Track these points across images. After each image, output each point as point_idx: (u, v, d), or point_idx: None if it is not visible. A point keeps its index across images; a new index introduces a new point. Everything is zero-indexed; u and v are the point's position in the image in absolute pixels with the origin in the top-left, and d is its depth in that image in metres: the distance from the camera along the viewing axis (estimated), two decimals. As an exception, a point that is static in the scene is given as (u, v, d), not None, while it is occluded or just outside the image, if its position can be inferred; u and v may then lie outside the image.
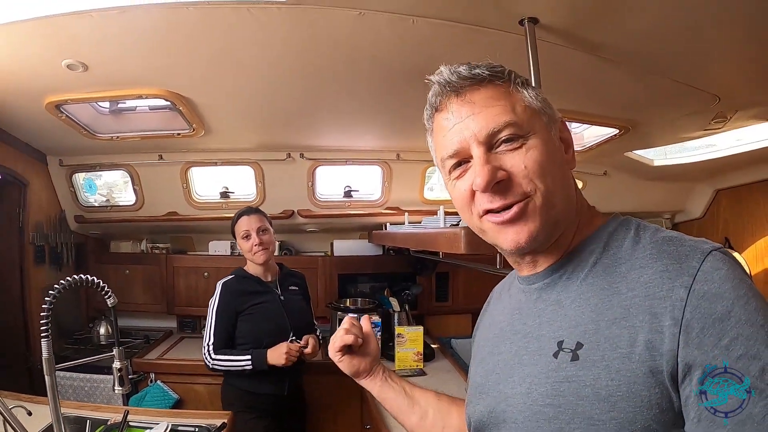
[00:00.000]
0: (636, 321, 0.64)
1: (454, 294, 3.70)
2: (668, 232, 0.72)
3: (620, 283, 0.69)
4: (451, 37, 1.76)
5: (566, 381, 0.68)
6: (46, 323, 1.59)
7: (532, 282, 0.81)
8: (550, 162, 0.73)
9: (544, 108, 0.77)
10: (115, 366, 1.76)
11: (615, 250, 0.73)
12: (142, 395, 3.01)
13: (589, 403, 0.65)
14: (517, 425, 0.74)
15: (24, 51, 1.93)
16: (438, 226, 2.27)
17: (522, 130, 0.73)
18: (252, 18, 1.65)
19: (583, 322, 0.70)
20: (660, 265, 0.66)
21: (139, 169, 3.28)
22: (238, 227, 2.47)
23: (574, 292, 0.74)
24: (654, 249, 0.69)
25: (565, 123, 0.82)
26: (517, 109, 0.74)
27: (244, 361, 2.26)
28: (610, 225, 0.77)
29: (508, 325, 0.85)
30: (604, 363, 0.65)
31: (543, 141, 0.74)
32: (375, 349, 1.14)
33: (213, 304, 2.39)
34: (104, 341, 3.41)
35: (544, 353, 0.73)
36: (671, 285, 0.64)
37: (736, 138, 2.97)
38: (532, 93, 0.77)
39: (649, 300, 0.65)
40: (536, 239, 0.74)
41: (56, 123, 2.59)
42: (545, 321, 0.76)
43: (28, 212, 3.09)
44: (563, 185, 0.75)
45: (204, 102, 2.45)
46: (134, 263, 3.71)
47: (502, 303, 0.92)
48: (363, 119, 2.77)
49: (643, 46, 1.77)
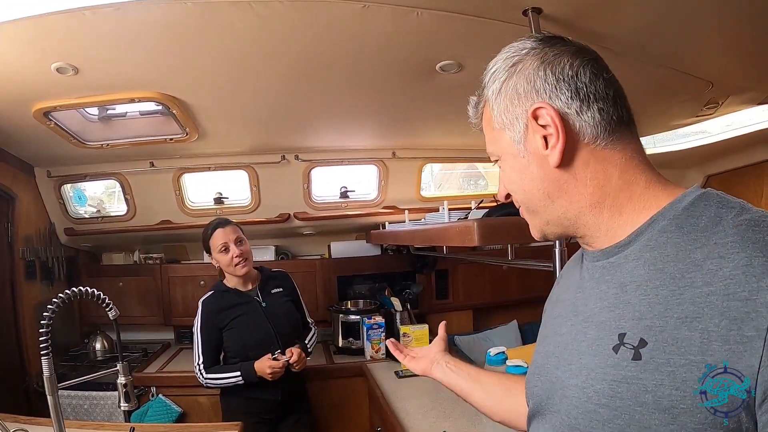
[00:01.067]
0: (710, 324, 0.56)
1: (455, 291, 3.69)
2: (756, 212, 0.61)
3: (694, 273, 0.59)
4: (454, 29, 1.76)
5: (625, 382, 0.62)
6: (46, 340, 1.55)
7: (597, 259, 0.74)
8: (517, 179, 0.77)
9: (503, 121, 0.75)
10: (119, 382, 1.72)
11: (689, 229, 0.63)
12: (143, 410, 2.94)
13: (648, 411, 0.59)
14: (570, 420, 0.70)
15: (11, 55, 1.86)
16: (443, 221, 2.26)
17: (495, 155, 0.81)
18: (253, 13, 1.62)
19: (648, 315, 0.62)
20: (743, 258, 0.56)
21: (130, 178, 3.22)
22: (213, 241, 2.38)
23: (640, 277, 0.65)
24: (737, 235, 0.59)
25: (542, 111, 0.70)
26: (490, 134, 0.80)
27: (235, 377, 2.28)
28: (686, 198, 0.67)
29: (570, 303, 0.79)
30: (669, 369, 0.58)
31: (507, 161, 0.78)
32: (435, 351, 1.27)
33: (197, 324, 2.39)
34: (101, 356, 3.32)
35: (603, 344, 0.67)
36: (756, 285, 0.54)
37: (727, 123, 3.01)
38: (495, 108, 0.77)
39: (728, 300, 0.55)
40: (543, 237, 0.82)
41: (44, 131, 2.53)
42: (606, 306, 0.69)
43: (17, 226, 3.02)
44: (531, 195, 0.76)
45: (199, 104, 2.41)
46: (128, 275, 3.64)
47: (569, 277, 0.85)
48: (360, 117, 2.76)
49: (643, 35, 1.78)
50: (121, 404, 1.71)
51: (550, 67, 0.71)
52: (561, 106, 0.70)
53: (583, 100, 0.70)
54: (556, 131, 0.70)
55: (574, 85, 0.70)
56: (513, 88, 0.73)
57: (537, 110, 0.71)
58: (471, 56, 1.95)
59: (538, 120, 0.71)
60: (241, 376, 2.26)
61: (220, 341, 2.38)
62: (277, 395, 2.35)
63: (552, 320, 0.85)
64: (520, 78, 0.73)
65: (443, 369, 1.21)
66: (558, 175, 0.72)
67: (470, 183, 4.44)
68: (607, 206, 0.71)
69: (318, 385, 2.99)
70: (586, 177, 0.71)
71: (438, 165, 3.84)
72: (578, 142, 0.71)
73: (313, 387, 2.82)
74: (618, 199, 0.71)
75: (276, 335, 2.37)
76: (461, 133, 3.01)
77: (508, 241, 1.86)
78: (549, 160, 0.71)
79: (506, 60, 0.75)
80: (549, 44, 0.73)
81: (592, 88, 0.70)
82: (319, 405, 3.00)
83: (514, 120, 0.74)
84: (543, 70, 0.71)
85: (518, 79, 0.73)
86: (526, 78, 0.72)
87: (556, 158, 0.70)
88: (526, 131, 0.73)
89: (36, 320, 3.04)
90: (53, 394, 1.56)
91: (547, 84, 0.71)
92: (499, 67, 0.76)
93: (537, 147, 0.72)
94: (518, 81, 0.73)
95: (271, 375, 2.22)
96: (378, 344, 3.14)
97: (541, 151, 0.71)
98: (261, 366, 2.24)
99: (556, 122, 0.69)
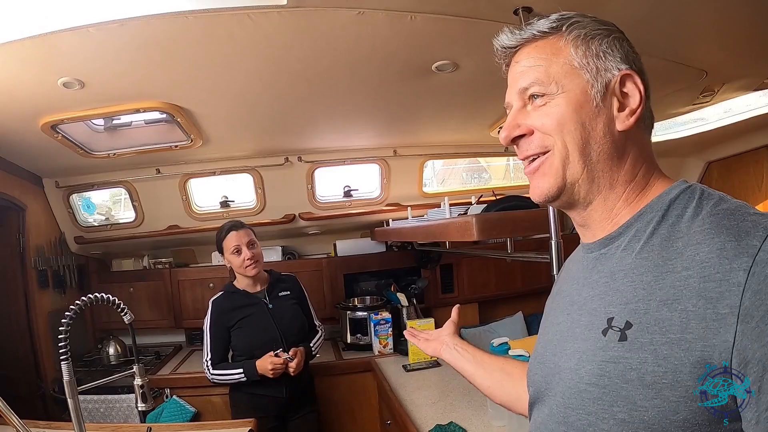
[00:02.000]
0: (689, 305, 0.60)
1: (460, 284, 3.72)
2: (733, 203, 0.66)
3: (675, 259, 0.64)
4: (448, 31, 1.79)
5: (613, 362, 0.66)
6: (65, 345, 1.58)
7: (591, 250, 0.79)
8: (573, 121, 0.74)
9: (588, 64, 0.75)
10: (136, 383, 1.75)
11: (674, 220, 0.68)
12: (158, 411, 2.98)
13: (634, 387, 0.63)
14: (564, 400, 0.75)
15: (18, 72, 1.91)
16: (444, 216, 2.30)
17: (548, 88, 0.76)
18: (252, 23, 1.66)
19: (633, 300, 0.67)
20: (717, 243, 0.61)
21: (137, 185, 3.28)
22: (227, 242, 2.47)
23: (628, 266, 0.70)
24: (713, 223, 0.63)
25: (631, 77, 0.74)
26: (553, 67, 0.76)
27: (238, 374, 2.37)
28: (672, 192, 0.72)
29: (567, 294, 0.84)
30: (652, 347, 0.62)
31: (570, 99, 0.75)
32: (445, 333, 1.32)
33: (207, 323, 2.49)
34: (114, 361, 3.37)
35: (593, 329, 0.71)
36: (729, 266, 0.58)
37: (725, 110, 3.03)
38: (581, 48, 0.76)
39: (704, 282, 0.60)
40: (551, 196, 0.78)
41: (52, 144, 2.57)
42: (597, 294, 0.74)
43: (28, 237, 3.07)
44: (586, 145, 0.74)
45: (202, 111, 2.45)
46: (138, 280, 3.69)
47: (569, 271, 0.90)
48: (361, 118, 2.79)
49: (633, 28, 1.77)
50: (138, 405, 1.76)
51: (637, 55, 0.77)
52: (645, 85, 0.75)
53: (648, 97, 0.76)
54: (639, 99, 0.74)
55: (647, 81, 0.76)
56: (610, 44, 0.75)
57: (627, 76, 0.74)
58: (465, 56, 1.99)
59: (623, 85, 0.74)
60: (243, 373, 2.34)
61: (228, 340, 2.47)
62: (283, 393, 2.41)
63: (552, 311, 0.90)
64: (615, 41, 0.76)
65: (451, 351, 1.26)
66: (617, 139, 0.74)
67: (473, 177, 4.48)
68: (628, 189, 0.76)
69: (327, 381, 3.03)
70: (629, 155, 0.76)
71: (439, 161, 3.88)
72: (639, 123, 0.75)
73: (322, 383, 2.87)
74: (636, 186, 0.76)
75: (281, 336, 2.44)
76: (460, 130, 3.06)
77: (505, 235, 1.90)
78: (618, 122, 0.74)
79: (593, 21, 0.78)
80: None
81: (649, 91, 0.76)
82: (329, 401, 3.05)
83: (602, 70, 0.75)
84: (634, 52, 0.77)
85: (614, 41, 0.76)
86: (622, 45, 0.76)
87: (630, 122, 0.74)
88: (607, 86, 0.74)
89: (50, 328, 3.12)
90: (73, 397, 1.60)
91: (636, 64, 0.76)
92: (584, 21, 0.77)
93: (611, 105, 0.74)
94: (614, 42, 0.76)
95: (272, 372, 2.29)
96: (386, 339, 3.19)
97: (614, 111, 0.74)
98: (263, 363, 2.32)
99: (642, 93, 0.74)
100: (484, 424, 1.96)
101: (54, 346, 3.09)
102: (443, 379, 2.58)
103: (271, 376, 2.31)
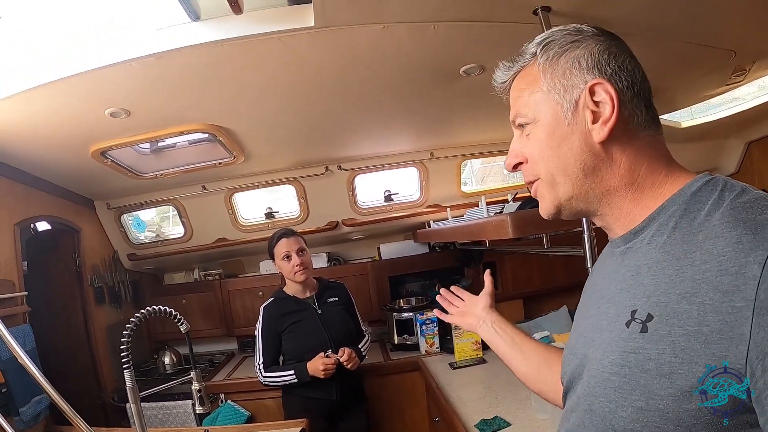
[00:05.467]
0: (706, 298, 0.61)
1: (504, 281, 3.71)
2: (754, 194, 0.66)
3: (695, 253, 0.65)
4: (470, 36, 1.84)
5: (633, 352, 0.68)
6: (127, 355, 1.67)
7: (617, 245, 0.81)
8: (549, 147, 0.79)
9: (555, 86, 0.78)
10: (194, 388, 1.86)
11: (695, 213, 0.69)
12: (214, 416, 3.10)
13: (651, 377, 0.65)
14: (589, 389, 0.78)
15: (69, 105, 2.06)
16: (482, 215, 2.34)
17: (527, 118, 0.81)
18: (283, 46, 1.75)
19: (656, 293, 0.68)
20: (734, 236, 0.61)
21: (185, 202, 3.42)
22: (278, 249, 2.58)
23: (652, 259, 0.71)
24: (731, 216, 0.63)
25: (601, 85, 0.75)
26: (531, 96, 0.81)
27: (289, 376, 2.45)
28: (694, 184, 0.72)
29: (599, 289, 0.86)
30: (670, 339, 0.63)
31: (544, 126, 0.79)
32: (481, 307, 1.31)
33: (258, 328, 2.60)
34: (170, 370, 3.53)
35: (618, 321, 0.73)
36: (744, 260, 0.59)
37: (759, 87, 2.96)
38: (548, 71, 0.79)
39: (721, 275, 0.60)
40: (553, 215, 0.83)
41: (102, 169, 2.73)
42: (624, 287, 0.76)
43: (84, 256, 3.26)
44: (566, 166, 0.78)
45: (242, 130, 2.57)
46: (189, 292, 3.83)
47: (602, 265, 0.91)
48: (395, 124, 2.85)
49: (653, 14, 1.78)
50: (196, 408, 1.87)
51: (613, 55, 0.76)
52: (619, 89, 0.75)
53: (635, 93, 0.76)
54: (611, 107, 0.74)
55: (631, 78, 0.76)
56: (575, 59, 0.77)
57: (596, 85, 0.75)
58: (490, 57, 2.02)
59: (593, 95, 0.75)
60: (294, 375, 2.43)
61: (279, 344, 2.56)
62: (333, 395, 2.48)
63: (584, 304, 0.93)
64: (583, 52, 0.77)
65: (489, 329, 1.25)
66: (598, 151, 0.76)
67: (514, 173, 4.46)
68: (631, 191, 0.77)
69: (376, 381, 3.10)
70: (621, 159, 0.76)
71: (477, 160, 3.89)
72: (623, 126, 0.75)
73: (371, 384, 2.94)
74: (642, 185, 0.77)
75: (330, 340, 2.52)
76: (493, 129, 3.08)
77: (540, 231, 1.93)
78: (594, 134, 0.75)
79: (566, 35, 0.79)
80: (610, 37, 0.79)
81: (644, 87, 0.77)
82: (378, 400, 3.11)
83: (569, 87, 0.77)
84: (607, 54, 0.76)
85: (582, 53, 0.77)
86: (590, 54, 0.77)
87: (604, 133, 0.74)
88: (577, 102, 0.76)
89: (108, 341, 3.31)
90: (136, 402, 1.70)
91: (609, 67, 0.76)
92: (557, 38, 0.79)
93: (584, 119, 0.76)
94: (581, 54, 0.77)
95: (323, 372, 2.37)
96: (432, 339, 3.24)
97: (588, 125, 0.76)
98: (314, 365, 2.40)
99: (614, 100, 0.74)
100: (528, 417, 1.99)
101: (112, 358, 3.29)
102: (489, 375, 2.62)
103: (322, 377, 2.38)
